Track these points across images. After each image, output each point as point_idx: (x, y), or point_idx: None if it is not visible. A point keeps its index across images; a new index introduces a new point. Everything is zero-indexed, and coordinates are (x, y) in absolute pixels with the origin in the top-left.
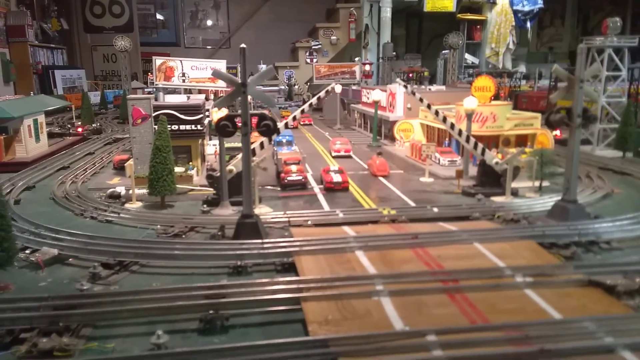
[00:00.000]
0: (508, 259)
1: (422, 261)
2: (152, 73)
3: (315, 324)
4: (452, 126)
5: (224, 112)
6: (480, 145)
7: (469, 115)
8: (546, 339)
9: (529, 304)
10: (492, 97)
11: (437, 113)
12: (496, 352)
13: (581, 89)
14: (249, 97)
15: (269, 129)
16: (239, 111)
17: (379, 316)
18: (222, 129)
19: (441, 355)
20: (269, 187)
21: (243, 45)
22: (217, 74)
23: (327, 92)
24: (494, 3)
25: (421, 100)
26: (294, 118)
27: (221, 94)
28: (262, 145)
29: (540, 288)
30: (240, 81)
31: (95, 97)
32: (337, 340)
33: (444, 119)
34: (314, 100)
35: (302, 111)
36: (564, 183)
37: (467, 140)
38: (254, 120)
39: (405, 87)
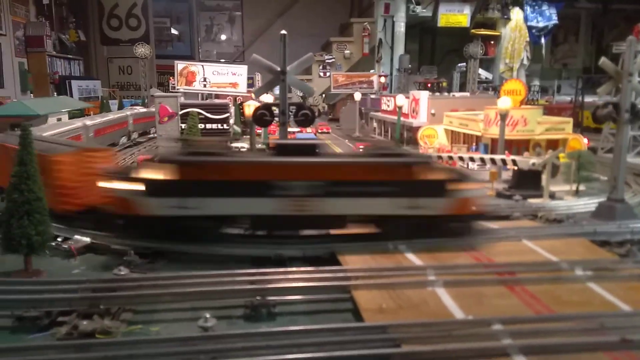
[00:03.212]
0: (562, 254)
1: (470, 256)
2: (173, 77)
3: (369, 312)
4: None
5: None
6: (509, 158)
7: (503, 116)
8: (623, 330)
9: (595, 297)
10: (522, 101)
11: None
12: (572, 342)
13: (629, 82)
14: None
15: (307, 119)
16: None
17: (436, 305)
18: (260, 118)
19: (512, 344)
20: None
21: (283, 31)
22: (255, 61)
23: None
24: (508, 19)
25: None
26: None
27: (240, 100)
28: None
29: (603, 281)
30: (279, 69)
31: (113, 106)
32: (397, 326)
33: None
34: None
35: None
36: (609, 181)
37: (493, 162)
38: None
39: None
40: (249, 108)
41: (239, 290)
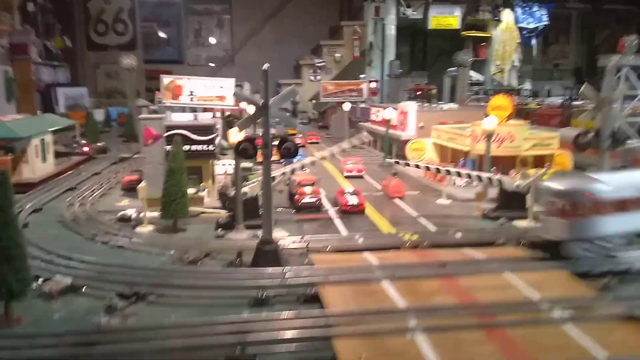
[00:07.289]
0: (542, 290)
1: (452, 293)
2: (159, 91)
3: None
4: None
5: (240, 134)
6: (495, 177)
7: (489, 136)
8: None
9: (571, 342)
10: (509, 117)
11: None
12: None
13: (611, 110)
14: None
15: (289, 152)
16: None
17: (415, 356)
18: (243, 152)
19: None
20: (279, 209)
21: (266, 65)
22: (238, 96)
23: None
24: (499, 20)
25: None
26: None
27: (228, 113)
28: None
29: (581, 322)
30: (261, 102)
31: (99, 115)
32: None
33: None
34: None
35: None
36: None
37: (479, 178)
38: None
39: None
40: (232, 136)
41: (218, 344)
